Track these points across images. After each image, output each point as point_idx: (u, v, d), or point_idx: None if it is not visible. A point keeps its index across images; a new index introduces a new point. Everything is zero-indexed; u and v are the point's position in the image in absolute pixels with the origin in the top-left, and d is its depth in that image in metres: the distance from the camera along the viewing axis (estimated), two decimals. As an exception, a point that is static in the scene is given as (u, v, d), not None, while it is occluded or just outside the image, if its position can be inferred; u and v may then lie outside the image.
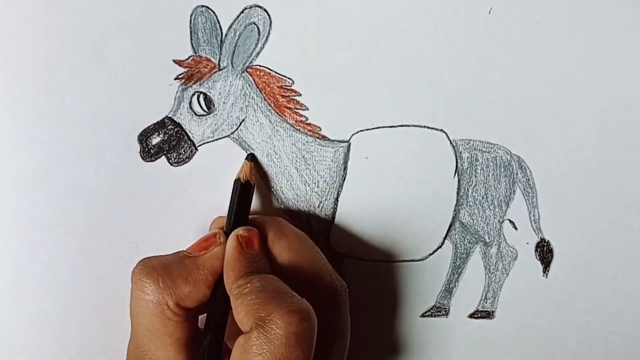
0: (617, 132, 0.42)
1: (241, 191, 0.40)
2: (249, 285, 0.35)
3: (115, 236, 0.42)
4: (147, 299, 0.36)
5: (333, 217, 0.43)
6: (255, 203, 0.42)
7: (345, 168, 0.42)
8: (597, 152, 0.43)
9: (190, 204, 0.42)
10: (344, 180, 0.42)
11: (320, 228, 0.43)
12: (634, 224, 0.44)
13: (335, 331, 0.38)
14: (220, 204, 0.42)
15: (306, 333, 0.33)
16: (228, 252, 0.37)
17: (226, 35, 0.39)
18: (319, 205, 0.43)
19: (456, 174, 0.43)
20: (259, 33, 0.39)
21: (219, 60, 0.39)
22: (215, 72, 0.40)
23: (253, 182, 0.40)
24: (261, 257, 0.38)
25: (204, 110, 0.40)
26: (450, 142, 0.42)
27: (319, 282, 0.38)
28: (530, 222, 0.44)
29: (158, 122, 0.40)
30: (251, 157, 0.41)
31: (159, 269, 0.36)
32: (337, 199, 0.43)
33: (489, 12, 0.39)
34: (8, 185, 0.41)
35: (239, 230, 0.38)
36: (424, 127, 0.42)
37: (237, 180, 0.40)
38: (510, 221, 0.44)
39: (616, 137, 0.42)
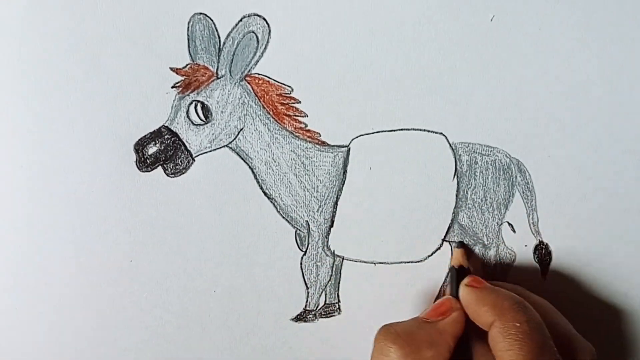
0: (615, 136, 0.42)
1: (460, 275, 0.42)
2: (517, 324, 0.36)
3: (110, 248, 0.42)
4: None
5: (332, 221, 0.43)
6: (252, 210, 0.42)
7: (344, 172, 0.42)
8: (596, 155, 0.43)
9: (187, 216, 0.42)
10: (343, 184, 0.42)
11: (319, 231, 0.43)
12: (632, 226, 0.44)
13: None
14: (218, 216, 0.42)
15: None
16: (466, 297, 0.39)
17: (224, 43, 0.38)
18: (318, 209, 0.43)
19: (455, 177, 0.43)
20: (257, 41, 0.38)
21: (217, 69, 0.39)
22: (213, 81, 0.39)
23: (467, 267, 0.42)
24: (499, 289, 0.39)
25: (201, 120, 0.40)
26: (450, 145, 0.42)
27: (573, 349, 0.39)
28: (529, 224, 0.44)
29: (154, 131, 0.39)
30: (460, 245, 0.44)
31: (403, 335, 0.37)
32: (336, 203, 0.43)
33: (491, 20, 0.39)
34: (2, 194, 0.40)
35: (464, 281, 0.40)
36: (424, 130, 0.42)
37: (452, 268, 0.43)
38: (509, 224, 0.44)
39: (615, 141, 0.42)
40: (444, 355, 0.37)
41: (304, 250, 0.44)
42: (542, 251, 0.45)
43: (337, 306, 0.46)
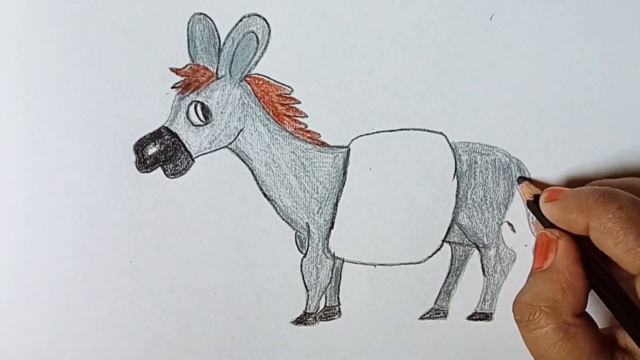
0: (615, 136, 0.42)
1: (537, 206, 0.40)
2: (610, 215, 0.34)
3: (110, 248, 0.42)
4: (546, 332, 0.36)
5: (332, 222, 0.43)
6: (252, 211, 0.42)
7: (344, 173, 0.42)
8: (596, 155, 0.43)
9: (187, 217, 0.42)
10: (343, 185, 0.42)
11: (319, 233, 0.43)
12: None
13: None
14: (217, 217, 0.42)
15: None
16: (553, 212, 0.37)
17: (224, 43, 0.38)
18: (318, 210, 0.43)
19: (455, 177, 0.43)
20: (257, 42, 0.38)
21: (217, 69, 0.39)
22: (213, 81, 0.39)
23: (539, 193, 0.41)
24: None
25: (201, 120, 0.39)
26: (450, 145, 0.42)
27: None
28: (529, 224, 0.44)
29: (154, 132, 0.39)
30: (521, 179, 0.42)
31: (533, 300, 0.36)
32: (336, 204, 0.43)
33: (490, 19, 0.39)
34: (2, 194, 0.40)
35: (540, 198, 0.38)
36: (424, 130, 0.42)
37: (528, 203, 0.41)
38: (509, 223, 0.44)
39: (615, 141, 0.43)
40: (580, 287, 0.36)
41: (304, 252, 0.44)
42: (542, 251, 0.45)
43: (338, 309, 0.46)
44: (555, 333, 0.36)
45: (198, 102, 0.39)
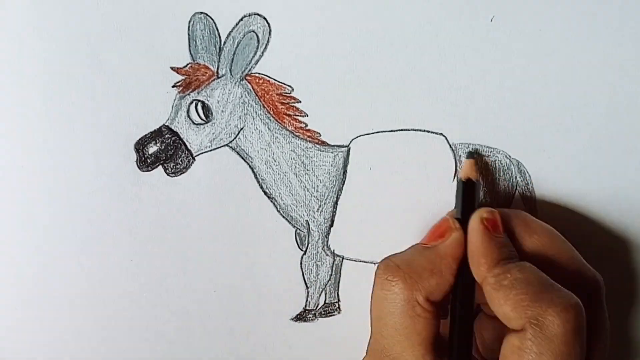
0: (616, 137, 0.42)
1: (469, 189, 0.39)
2: (508, 275, 0.34)
3: (111, 247, 0.42)
4: (395, 298, 0.35)
5: (332, 221, 0.43)
6: (253, 209, 0.42)
7: (344, 172, 0.42)
8: (596, 156, 0.43)
9: (187, 215, 0.42)
10: (343, 184, 0.42)
11: (319, 231, 0.43)
12: (633, 228, 0.44)
13: (597, 328, 0.36)
14: (218, 215, 0.42)
15: (582, 328, 0.33)
16: (475, 237, 0.36)
17: (225, 42, 0.38)
18: (318, 209, 0.43)
19: (455, 177, 0.43)
20: (258, 41, 0.38)
21: (218, 68, 0.39)
22: (213, 80, 0.39)
23: (476, 180, 0.39)
24: (508, 242, 0.36)
25: (202, 119, 0.40)
26: (450, 146, 0.42)
27: (579, 279, 0.37)
28: (529, 224, 0.44)
29: (155, 130, 0.39)
30: (471, 155, 0.40)
31: (403, 266, 0.36)
32: (336, 203, 0.43)
33: (491, 21, 0.39)
34: (3, 191, 0.40)
35: (482, 213, 0.36)
36: (424, 131, 0.41)
37: (459, 181, 0.39)
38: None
39: (615, 142, 0.42)
40: (448, 280, 0.36)
41: (304, 249, 0.44)
42: (542, 251, 0.45)
43: (337, 305, 0.46)
44: (402, 304, 0.35)
45: (199, 100, 0.39)
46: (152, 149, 0.40)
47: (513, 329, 0.33)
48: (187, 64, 0.38)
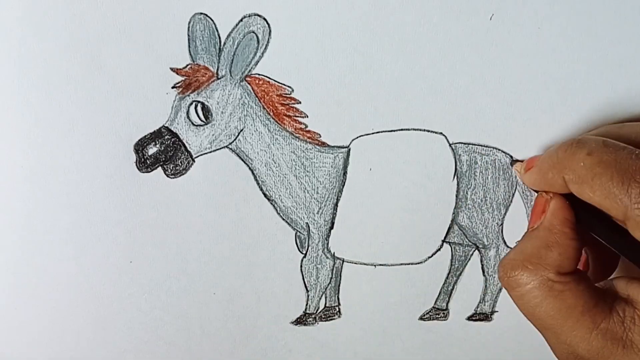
0: (616, 136, 0.42)
1: None
2: None
3: (110, 248, 0.42)
4: (529, 289, 0.34)
5: (332, 223, 0.43)
6: (252, 211, 0.42)
7: (344, 173, 0.42)
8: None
9: (187, 217, 0.42)
10: (343, 186, 0.42)
11: (319, 233, 0.43)
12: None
13: None
14: (217, 217, 0.42)
15: None
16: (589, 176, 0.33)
17: (225, 43, 0.38)
18: (318, 211, 0.43)
19: (455, 177, 0.43)
20: (258, 42, 0.38)
21: (217, 69, 0.38)
22: (213, 81, 0.39)
23: None
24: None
25: (201, 120, 0.39)
26: (450, 146, 0.42)
27: None
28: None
29: (154, 131, 0.39)
30: (515, 161, 0.41)
31: (517, 258, 0.35)
32: (336, 204, 0.43)
33: (490, 19, 0.39)
34: (2, 193, 0.40)
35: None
36: (423, 130, 0.41)
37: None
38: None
39: (615, 141, 0.43)
40: (569, 245, 0.35)
41: (304, 252, 0.44)
42: (542, 251, 0.45)
43: (337, 309, 0.46)
44: (540, 290, 0.34)
45: (198, 102, 0.39)
46: (152, 150, 0.39)
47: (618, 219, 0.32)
48: (187, 65, 0.38)
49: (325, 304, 0.45)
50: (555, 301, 0.34)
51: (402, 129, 0.41)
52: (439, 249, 0.45)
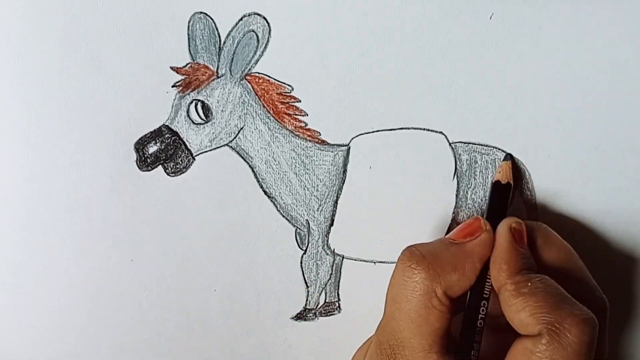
0: (616, 136, 0.42)
1: (502, 193, 0.39)
2: (529, 284, 0.34)
3: (111, 247, 0.42)
4: (415, 286, 0.36)
5: (332, 220, 0.43)
6: (253, 208, 0.42)
7: (344, 171, 0.42)
8: (596, 155, 0.43)
9: (187, 215, 0.42)
10: (343, 183, 0.42)
11: (319, 230, 0.43)
12: (633, 227, 0.44)
13: (599, 349, 0.36)
14: (218, 215, 0.42)
15: (594, 344, 0.33)
16: (501, 243, 0.36)
17: (224, 42, 0.38)
18: (318, 208, 0.43)
19: (455, 176, 0.43)
20: (257, 41, 0.38)
21: (217, 68, 0.39)
22: (213, 80, 0.39)
23: (509, 182, 0.40)
24: (530, 254, 0.37)
25: (201, 119, 0.40)
26: (450, 145, 0.42)
27: (589, 297, 0.37)
28: (530, 223, 0.44)
29: (155, 130, 0.39)
30: (510, 157, 0.41)
31: (428, 256, 0.36)
32: (336, 202, 0.43)
33: (490, 18, 0.39)
34: (3, 191, 0.40)
35: (512, 222, 0.37)
36: (423, 129, 0.42)
37: (494, 183, 0.40)
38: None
39: (615, 141, 0.42)
40: (469, 279, 0.36)
41: (304, 248, 0.44)
42: (542, 250, 0.45)
43: (337, 305, 0.46)
44: (420, 293, 0.36)
45: (198, 100, 0.39)
46: (152, 148, 0.40)
47: (528, 334, 0.34)
48: (187, 64, 0.38)
49: (325, 299, 0.46)
50: (423, 310, 0.36)
51: (401, 128, 0.41)
52: (439, 247, 0.45)
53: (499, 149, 0.42)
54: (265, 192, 0.42)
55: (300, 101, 0.40)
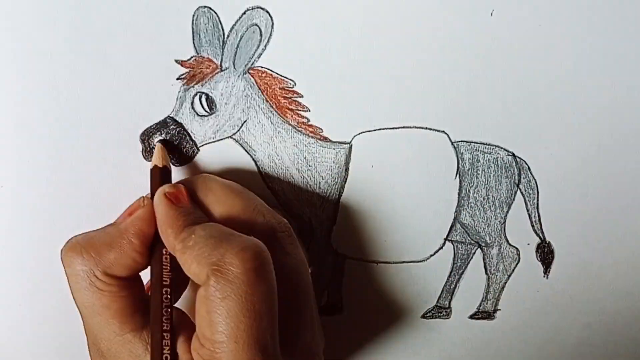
0: (618, 134, 0.42)
1: (161, 175, 0.39)
2: (192, 236, 0.34)
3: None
4: (76, 274, 0.36)
5: (334, 218, 0.43)
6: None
7: (346, 169, 0.42)
8: (598, 153, 0.43)
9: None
10: (345, 182, 0.42)
11: (321, 229, 0.43)
12: (635, 225, 0.44)
13: (288, 270, 0.37)
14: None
15: (265, 266, 0.33)
16: (159, 210, 0.36)
17: (228, 36, 0.39)
18: (320, 206, 0.43)
19: (457, 175, 0.43)
20: (260, 34, 0.39)
21: (221, 61, 0.39)
22: (217, 73, 0.39)
23: (168, 166, 0.40)
24: (195, 209, 0.37)
25: (205, 111, 0.40)
26: (452, 144, 0.42)
27: (254, 227, 0.37)
28: (532, 223, 0.44)
29: (160, 121, 0.40)
30: (163, 141, 0.41)
31: (81, 241, 0.36)
32: (338, 200, 0.43)
33: (491, 14, 0.39)
34: (9, 184, 0.41)
35: (164, 188, 0.37)
36: (426, 128, 0.42)
37: (155, 167, 0.39)
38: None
39: (617, 139, 0.42)
40: (130, 255, 0.35)
41: (306, 247, 0.44)
42: (545, 250, 0.45)
43: (339, 305, 0.46)
44: (81, 279, 0.35)
45: (203, 93, 0.40)
46: (158, 139, 0.40)
47: (202, 283, 0.33)
48: (191, 57, 0.39)
49: (328, 299, 0.46)
50: (93, 295, 0.35)
51: (404, 127, 0.41)
52: (441, 247, 0.45)
53: (501, 148, 0.42)
54: (268, 187, 0.42)
55: (302, 96, 0.40)
